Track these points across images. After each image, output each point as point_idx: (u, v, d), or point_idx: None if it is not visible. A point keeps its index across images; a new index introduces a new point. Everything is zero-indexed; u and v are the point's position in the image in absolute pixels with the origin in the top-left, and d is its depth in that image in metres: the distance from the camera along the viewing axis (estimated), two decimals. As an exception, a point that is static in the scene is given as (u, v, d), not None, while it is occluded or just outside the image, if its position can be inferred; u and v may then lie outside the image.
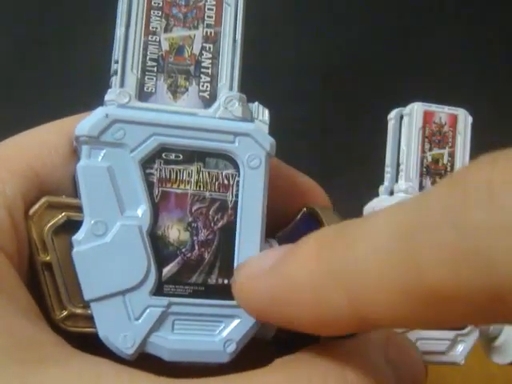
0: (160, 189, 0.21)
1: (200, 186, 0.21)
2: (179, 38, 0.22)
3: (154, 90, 0.21)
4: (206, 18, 0.22)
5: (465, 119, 0.25)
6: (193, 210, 0.21)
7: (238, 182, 0.21)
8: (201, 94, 0.22)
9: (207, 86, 0.22)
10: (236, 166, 0.21)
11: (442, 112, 0.25)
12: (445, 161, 0.25)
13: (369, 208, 0.24)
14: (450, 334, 0.25)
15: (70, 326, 0.21)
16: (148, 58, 0.21)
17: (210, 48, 0.22)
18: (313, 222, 0.23)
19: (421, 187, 0.24)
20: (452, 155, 0.25)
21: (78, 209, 0.21)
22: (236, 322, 0.21)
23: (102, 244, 0.20)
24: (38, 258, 0.21)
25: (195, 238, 0.21)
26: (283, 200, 0.24)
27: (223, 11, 0.22)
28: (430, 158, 0.24)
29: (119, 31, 0.21)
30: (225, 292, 0.21)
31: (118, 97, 0.21)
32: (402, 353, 0.22)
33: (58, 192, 0.21)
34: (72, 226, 0.21)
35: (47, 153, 0.21)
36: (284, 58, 0.57)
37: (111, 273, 0.20)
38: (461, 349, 0.25)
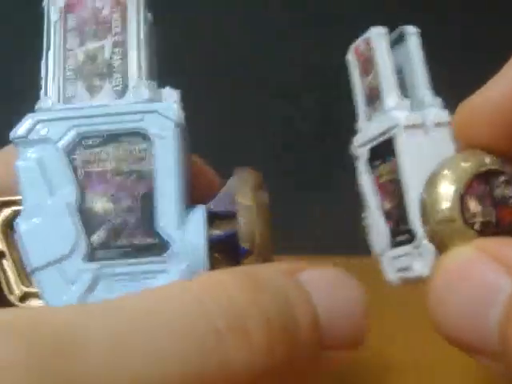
0: (83, 170, 0.24)
1: (118, 162, 0.24)
2: (93, 49, 0.25)
3: (74, 94, 0.25)
4: (113, 28, 0.26)
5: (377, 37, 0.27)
6: (114, 183, 0.24)
7: (151, 152, 0.24)
8: (114, 88, 0.25)
9: (119, 81, 0.25)
10: (148, 140, 0.24)
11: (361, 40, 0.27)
12: None
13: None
14: (405, 248, 0.24)
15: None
16: (67, 69, 0.25)
17: (119, 51, 0.25)
18: None
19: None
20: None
21: None
22: (166, 276, 0.23)
23: (36, 222, 0.23)
24: None
25: (118, 206, 0.24)
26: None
27: (128, 20, 0.26)
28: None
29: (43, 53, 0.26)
30: (151, 250, 0.23)
31: (43, 103, 0.25)
32: (325, 284, 0.22)
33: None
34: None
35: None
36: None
37: (46, 245, 0.23)
38: (420, 261, 0.24)
